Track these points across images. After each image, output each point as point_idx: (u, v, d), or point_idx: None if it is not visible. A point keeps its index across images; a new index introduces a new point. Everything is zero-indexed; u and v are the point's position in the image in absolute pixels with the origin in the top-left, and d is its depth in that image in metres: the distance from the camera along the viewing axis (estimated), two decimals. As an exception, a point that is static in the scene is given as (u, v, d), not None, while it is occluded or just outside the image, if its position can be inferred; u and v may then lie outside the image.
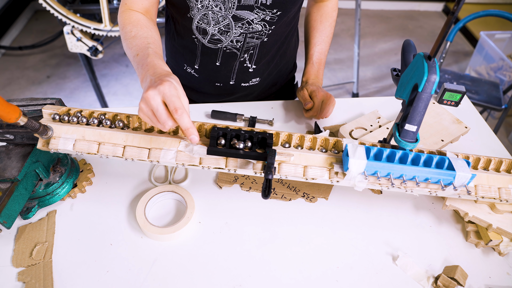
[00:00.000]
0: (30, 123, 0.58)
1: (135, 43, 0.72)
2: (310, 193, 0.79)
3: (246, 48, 0.91)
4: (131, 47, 0.72)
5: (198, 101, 1.09)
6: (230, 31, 0.85)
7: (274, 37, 0.91)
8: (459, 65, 3.05)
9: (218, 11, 0.82)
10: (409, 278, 0.66)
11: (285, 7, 0.83)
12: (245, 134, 0.64)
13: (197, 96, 1.08)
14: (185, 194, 0.75)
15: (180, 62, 1.01)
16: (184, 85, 1.07)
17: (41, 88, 2.65)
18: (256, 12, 0.82)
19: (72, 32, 1.86)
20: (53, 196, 0.74)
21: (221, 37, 0.87)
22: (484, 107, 1.99)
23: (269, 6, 0.81)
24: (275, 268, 0.67)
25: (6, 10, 3.06)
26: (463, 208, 0.71)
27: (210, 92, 1.04)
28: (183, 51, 0.98)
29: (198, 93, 1.07)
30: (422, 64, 0.56)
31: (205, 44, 0.90)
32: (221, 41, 0.89)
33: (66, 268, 0.66)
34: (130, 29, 0.75)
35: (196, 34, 0.89)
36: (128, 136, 0.65)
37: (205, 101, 1.07)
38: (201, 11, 0.83)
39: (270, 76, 1.04)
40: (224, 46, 0.90)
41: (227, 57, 0.93)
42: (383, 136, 0.85)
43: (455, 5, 0.53)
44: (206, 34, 0.88)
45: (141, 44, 0.70)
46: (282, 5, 0.82)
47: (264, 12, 0.82)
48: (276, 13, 0.83)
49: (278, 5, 0.81)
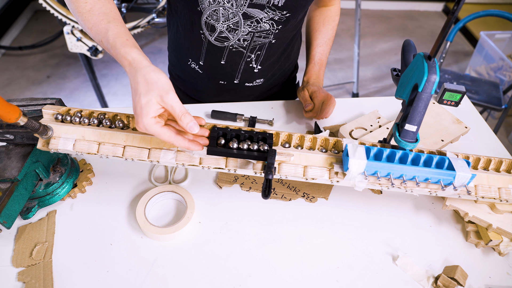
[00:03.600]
0: (30, 123, 0.58)
1: (93, 21, 0.64)
2: (310, 193, 0.79)
3: (253, 47, 0.90)
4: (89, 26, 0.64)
5: (199, 100, 1.09)
6: (239, 29, 0.85)
7: (281, 39, 0.92)
8: (459, 65, 3.05)
9: (229, 7, 0.81)
10: (409, 278, 0.66)
11: (295, 9, 0.83)
12: (245, 134, 0.64)
13: (199, 94, 1.08)
14: (185, 194, 0.75)
15: (184, 57, 1.00)
16: (186, 81, 1.07)
17: (41, 88, 2.65)
18: (267, 11, 0.82)
19: (72, 32, 1.86)
20: (53, 196, 0.74)
21: (228, 35, 0.87)
22: (484, 107, 1.99)
23: (280, 7, 0.81)
24: (275, 268, 0.67)
25: (6, 10, 3.06)
26: (463, 208, 0.71)
27: (212, 90, 1.04)
28: (188, 46, 0.96)
29: (199, 92, 1.07)
30: (422, 64, 0.56)
31: (212, 42, 0.90)
32: (228, 39, 0.88)
33: (66, 268, 0.66)
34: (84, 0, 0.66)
35: (203, 30, 0.88)
36: (128, 136, 0.65)
37: (206, 99, 1.07)
38: (212, 6, 0.82)
39: (273, 77, 1.04)
40: (230, 44, 0.89)
41: (232, 56, 0.92)
42: (383, 136, 0.85)
43: (455, 5, 0.53)
44: (214, 31, 0.87)
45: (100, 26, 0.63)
46: (293, 8, 0.82)
47: (274, 12, 0.82)
48: (285, 15, 0.83)
49: (288, 7, 0.82)
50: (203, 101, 1.08)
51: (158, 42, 3.15)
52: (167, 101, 0.56)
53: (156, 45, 3.11)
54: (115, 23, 0.64)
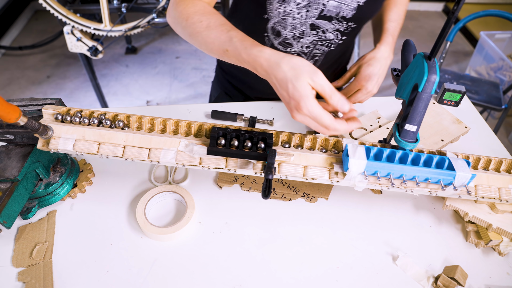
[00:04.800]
0: (30, 123, 0.58)
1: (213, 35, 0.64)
2: (310, 193, 0.79)
3: (314, 54, 0.90)
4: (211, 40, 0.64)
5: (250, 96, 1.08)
6: (304, 37, 0.84)
7: (340, 47, 0.90)
8: (459, 65, 3.05)
9: (298, 18, 0.80)
10: (409, 278, 0.66)
11: (361, 21, 0.83)
12: (245, 134, 0.64)
13: (249, 91, 1.07)
14: (185, 194, 0.75)
15: None
16: (236, 76, 1.06)
17: (41, 88, 2.65)
18: (334, 23, 0.81)
19: (72, 32, 1.86)
20: (53, 196, 0.74)
21: (292, 42, 0.86)
22: (484, 107, 1.99)
23: (348, 19, 0.81)
24: (275, 268, 0.67)
25: (6, 10, 3.06)
26: (463, 208, 0.71)
27: (264, 89, 1.01)
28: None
29: (251, 89, 1.06)
30: (422, 64, 0.56)
31: (275, 45, 0.88)
32: (292, 45, 0.87)
33: (66, 268, 0.66)
34: (198, 19, 0.66)
35: (268, 34, 0.86)
36: (128, 136, 0.65)
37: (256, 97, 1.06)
38: (281, 15, 0.80)
39: None
40: (292, 50, 0.88)
41: None
42: (383, 136, 0.85)
43: (455, 5, 0.53)
44: (280, 36, 0.86)
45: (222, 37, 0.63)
46: (360, 19, 0.82)
47: (341, 23, 0.82)
48: (351, 25, 0.83)
49: (356, 19, 0.81)
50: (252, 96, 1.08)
51: (158, 42, 3.15)
52: (318, 80, 0.56)
53: (156, 45, 3.11)
54: (234, 30, 0.64)
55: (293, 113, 0.58)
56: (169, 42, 3.15)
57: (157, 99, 2.61)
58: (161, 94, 2.65)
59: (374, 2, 0.80)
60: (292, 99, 0.57)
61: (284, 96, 0.58)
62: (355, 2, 0.78)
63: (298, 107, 0.56)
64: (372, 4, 0.80)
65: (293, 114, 0.58)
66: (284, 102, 0.59)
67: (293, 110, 0.57)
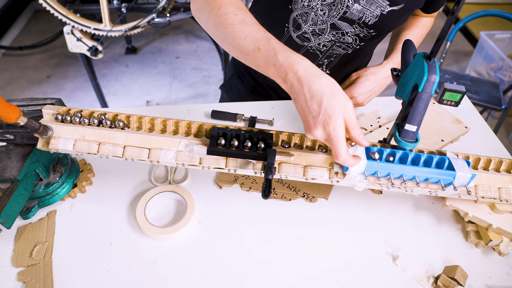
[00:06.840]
0: (30, 123, 0.58)
1: (247, 31, 0.60)
2: (310, 193, 0.79)
3: (329, 54, 0.90)
4: (243, 35, 0.60)
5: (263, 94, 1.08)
6: (322, 35, 0.84)
7: (357, 52, 0.90)
8: (459, 65, 3.05)
9: (321, 15, 0.80)
10: (409, 278, 0.66)
11: (382, 30, 0.82)
12: (245, 134, 0.64)
13: (262, 89, 1.07)
14: (185, 194, 0.75)
15: None
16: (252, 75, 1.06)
17: (41, 88, 2.65)
18: (355, 27, 0.81)
19: (72, 32, 1.86)
20: (53, 196, 0.74)
21: (311, 37, 0.86)
22: (484, 107, 1.99)
23: (369, 26, 0.81)
24: (275, 268, 0.67)
25: (6, 10, 3.06)
26: (463, 208, 0.71)
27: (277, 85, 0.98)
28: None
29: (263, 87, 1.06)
30: (422, 64, 0.56)
31: (293, 37, 0.88)
32: (309, 40, 0.87)
33: (66, 268, 0.66)
34: (233, 11, 0.62)
35: (289, 25, 0.86)
36: (128, 136, 0.65)
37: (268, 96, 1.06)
38: (304, 9, 0.80)
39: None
40: (309, 46, 0.88)
41: (307, 56, 0.90)
42: (383, 136, 0.86)
43: (455, 5, 0.53)
44: (299, 29, 0.86)
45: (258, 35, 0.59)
46: (381, 28, 0.82)
47: (362, 29, 0.82)
48: (371, 33, 0.83)
49: (377, 27, 0.81)
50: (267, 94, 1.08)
51: (158, 42, 3.15)
52: (349, 107, 0.53)
53: (156, 45, 3.11)
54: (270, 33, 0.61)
55: (315, 128, 0.55)
56: (169, 42, 3.15)
57: (157, 99, 2.61)
58: (161, 94, 2.65)
59: (398, 15, 0.80)
60: (323, 113, 0.53)
61: (314, 109, 0.54)
62: (379, 10, 0.78)
63: (327, 122, 0.53)
64: (395, 16, 0.80)
65: (314, 129, 0.55)
66: (306, 115, 0.56)
67: (317, 124, 0.54)
